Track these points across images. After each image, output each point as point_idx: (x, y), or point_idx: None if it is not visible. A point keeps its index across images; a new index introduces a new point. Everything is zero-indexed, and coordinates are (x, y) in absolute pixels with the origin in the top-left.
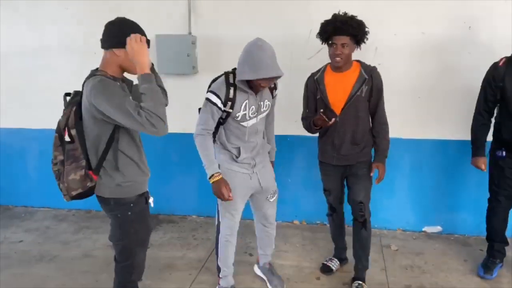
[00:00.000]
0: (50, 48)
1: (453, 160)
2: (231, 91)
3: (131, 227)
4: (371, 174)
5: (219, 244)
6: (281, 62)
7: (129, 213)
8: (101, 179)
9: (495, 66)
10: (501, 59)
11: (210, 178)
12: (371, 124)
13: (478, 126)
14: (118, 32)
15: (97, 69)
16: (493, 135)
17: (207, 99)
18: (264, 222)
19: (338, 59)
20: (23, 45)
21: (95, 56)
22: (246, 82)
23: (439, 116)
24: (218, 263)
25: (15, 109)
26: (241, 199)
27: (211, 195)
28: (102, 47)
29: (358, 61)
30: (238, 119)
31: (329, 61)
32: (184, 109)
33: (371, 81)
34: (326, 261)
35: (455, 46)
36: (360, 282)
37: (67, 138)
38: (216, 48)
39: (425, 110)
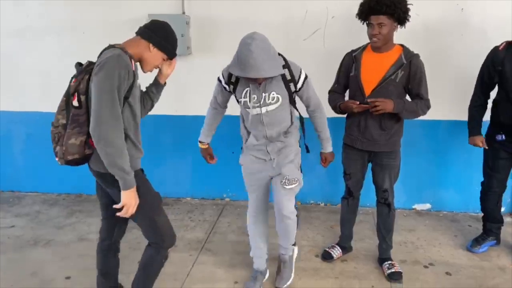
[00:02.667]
0: (36, 29)
1: (442, 140)
2: (234, 75)
3: (139, 196)
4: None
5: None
6: (277, 44)
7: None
8: (98, 154)
9: (495, 50)
10: (502, 43)
11: (199, 142)
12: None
13: (475, 107)
14: (168, 40)
15: (112, 44)
16: (491, 119)
17: (217, 78)
18: (278, 212)
19: (375, 39)
20: (9, 26)
21: (84, 36)
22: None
23: (431, 97)
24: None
25: (0, 91)
26: (256, 180)
27: (205, 177)
28: (141, 34)
29: (402, 45)
30: (241, 104)
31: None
32: (177, 90)
33: (408, 67)
34: (328, 248)
35: (447, 28)
36: (391, 262)
37: (75, 103)
38: (210, 28)
39: None
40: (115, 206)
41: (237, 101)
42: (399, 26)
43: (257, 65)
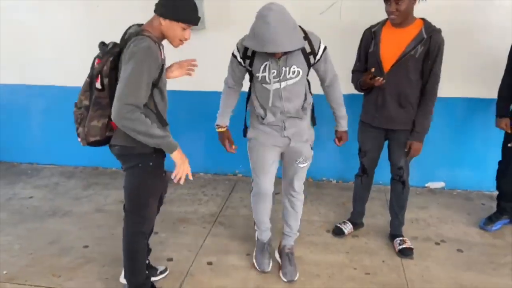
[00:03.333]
0: (51, 2)
1: (458, 118)
2: (250, 50)
3: (149, 178)
4: (405, 150)
5: (251, 201)
6: (293, 17)
7: (151, 163)
8: (122, 132)
9: None
10: None
11: (216, 125)
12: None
13: (504, 87)
14: (175, 8)
15: (140, 28)
16: None
17: (232, 54)
18: (290, 190)
19: (393, 16)
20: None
21: (98, 10)
22: None
23: (447, 74)
24: (253, 215)
25: (17, 65)
26: (270, 154)
27: (218, 152)
28: (155, 10)
29: (423, 19)
30: (259, 80)
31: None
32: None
33: (428, 42)
34: (339, 223)
35: (470, 3)
36: (403, 238)
37: (98, 85)
38: (225, 1)
39: None
40: (172, 175)
41: (251, 76)
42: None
43: (275, 38)
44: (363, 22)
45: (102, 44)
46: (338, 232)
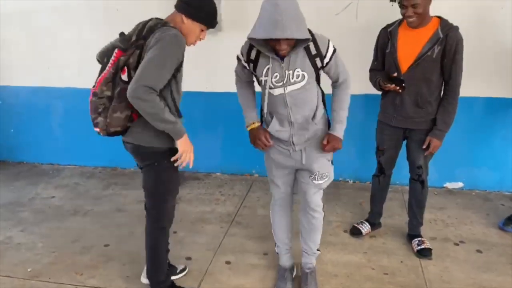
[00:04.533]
0: (72, 6)
1: (478, 118)
2: (253, 52)
3: (166, 176)
4: (423, 147)
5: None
6: (308, 18)
7: (166, 161)
8: (139, 128)
9: None
10: None
11: (247, 127)
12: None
13: None
14: (202, 9)
15: (162, 20)
16: None
17: (236, 57)
18: (306, 207)
19: (410, 20)
20: (46, 3)
21: (117, 13)
22: (268, 43)
23: (467, 73)
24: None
25: (39, 68)
26: (279, 170)
27: (235, 153)
28: (176, 7)
29: (439, 17)
30: (262, 84)
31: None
32: (208, 67)
33: (445, 41)
34: (357, 224)
35: (489, 2)
36: (421, 238)
37: (124, 78)
38: (241, 4)
39: None
40: (173, 158)
41: (258, 81)
42: None
43: (283, 22)
44: (379, 22)
45: (123, 35)
46: (355, 232)
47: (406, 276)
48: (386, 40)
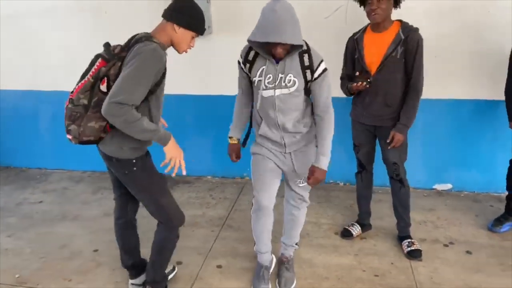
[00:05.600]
0: (60, 9)
1: (465, 120)
2: (252, 54)
3: (143, 181)
4: (387, 141)
5: (251, 218)
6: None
7: (135, 168)
8: (108, 138)
9: None
10: None
11: (228, 138)
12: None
13: (510, 89)
14: (192, 17)
15: (148, 34)
16: None
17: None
18: (291, 200)
19: (374, 14)
20: (33, 6)
21: (106, 16)
22: (265, 47)
23: (455, 76)
24: (253, 234)
25: (27, 71)
26: (271, 174)
27: (226, 156)
28: (165, 16)
29: (400, 21)
30: (255, 85)
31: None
32: (198, 70)
33: (406, 42)
34: (348, 226)
35: (474, 5)
36: (411, 240)
37: (103, 88)
38: (231, 7)
39: (441, 70)
40: (161, 164)
41: (250, 83)
42: (393, 6)
43: (280, 26)
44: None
45: (108, 46)
46: (346, 234)
47: (396, 278)
48: (353, 47)
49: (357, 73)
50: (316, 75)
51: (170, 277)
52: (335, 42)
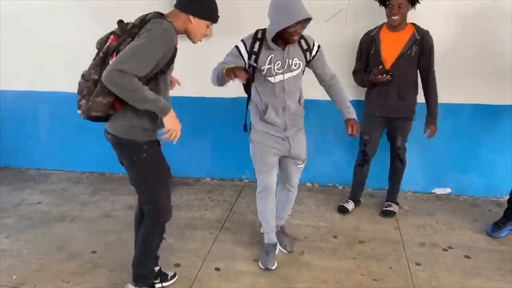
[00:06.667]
0: (60, 10)
1: (465, 124)
2: (257, 45)
3: (148, 169)
4: (425, 134)
5: (256, 200)
6: None
7: (144, 155)
8: (118, 118)
9: None
10: None
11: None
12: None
13: None
14: (206, 6)
15: (162, 14)
16: None
17: (234, 46)
18: (287, 183)
19: (395, 18)
20: (33, 7)
21: (107, 17)
22: (285, 33)
23: (455, 80)
24: (258, 217)
25: (26, 72)
26: (273, 157)
27: (224, 158)
28: (179, 7)
29: (413, 23)
30: (264, 73)
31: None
32: (197, 72)
33: (422, 43)
34: (342, 202)
35: (478, 10)
36: (390, 203)
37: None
38: (231, 9)
39: (441, 74)
40: (161, 133)
41: (253, 71)
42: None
43: (301, 4)
44: (368, 28)
45: (121, 22)
46: (343, 210)
47: (395, 282)
48: (369, 43)
49: (380, 67)
50: (314, 53)
51: (173, 281)
52: (336, 45)
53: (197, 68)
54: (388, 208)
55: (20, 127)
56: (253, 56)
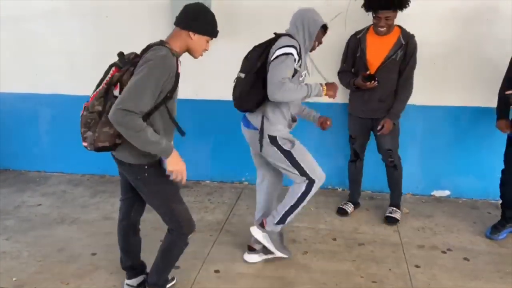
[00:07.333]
0: (61, 12)
1: (463, 127)
2: (299, 50)
3: (155, 187)
4: (378, 128)
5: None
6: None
7: (146, 174)
8: (122, 143)
9: None
10: None
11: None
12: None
13: (503, 92)
14: (205, 22)
15: (162, 41)
16: None
17: (287, 53)
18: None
19: (381, 29)
20: (34, 9)
21: (107, 20)
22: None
23: (453, 83)
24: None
25: (27, 74)
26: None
27: (224, 160)
28: (178, 25)
29: (399, 26)
30: (301, 78)
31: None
32: (197, 74)
33: (406, 47)
34: (341, 205)
35: (473, 13)
36: (394, 208)
37: (116, 93)
38: (231, 13)
39: (439, 77)
40: (167, 173)
41: (296, 79)
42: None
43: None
44: None
45: (121, 54)
46: (342, 212)
47: (394, 284)
48: (356, 45)
49: (368, 73)
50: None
51: (171, 284)
52: (335, 47)
53: (197, 71)
54: (391, 215)
55: (20, 129)
56: (300, 61)
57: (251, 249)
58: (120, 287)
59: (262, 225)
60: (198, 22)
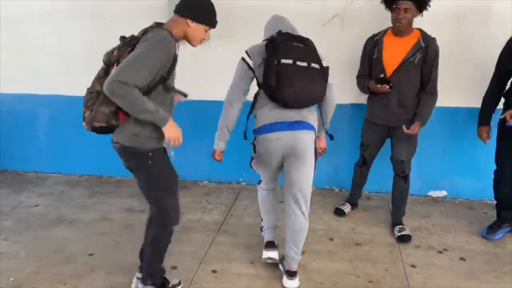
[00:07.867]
0: (59, 13)
1: (460, 127)
2: None
3: (154, 175)
4: (405, 128)
5: None
6: (296, 28)
7: (149, 162)
8: (122, 126)
9: None
10: None
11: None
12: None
13: (488, 96)
14: (205, 11)
15: (162, 23)
16: (504, 106)
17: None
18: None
19: (399, 24)
20: (32, 10)
21: (105, 21)
22: None
23: (449, 84)
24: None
25: (24, 75)
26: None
27: (222, 161)
28: (177, 12)
29: (419, 29)
30: None
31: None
32: (194, 76)
33: (426, 50)
34: (339, 205)
35: (469, 14)
36: (402, 226)
37: None
38: (228, 14)
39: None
40: (164, 143)
41: None
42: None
43: None
44: (364, 33)
45: (122, 38)
46: (339, 212)
47: (391, 284)
48: (372, 47)
49: (382, 76)
50: None
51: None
52: (332, 49)
53: (194, 71)
54: (403, 233)
55: (18, 130)
56: None
57: (291, 274)
58: (117, 287)
59: (290, 273)
60: (197, 10)
